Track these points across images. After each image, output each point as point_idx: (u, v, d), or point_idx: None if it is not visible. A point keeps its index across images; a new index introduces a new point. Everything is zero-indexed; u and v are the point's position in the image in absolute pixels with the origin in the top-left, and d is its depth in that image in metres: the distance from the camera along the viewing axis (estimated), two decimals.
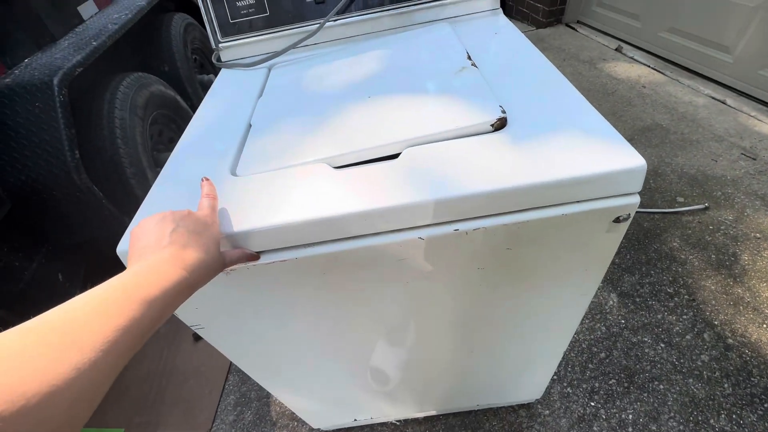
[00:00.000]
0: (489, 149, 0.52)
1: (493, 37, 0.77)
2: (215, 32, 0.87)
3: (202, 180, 0.52)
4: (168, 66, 2.02)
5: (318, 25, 0.84)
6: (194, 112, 2.04)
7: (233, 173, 0.58)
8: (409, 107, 0.60)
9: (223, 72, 0.89)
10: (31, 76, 1.18)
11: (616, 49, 2.76)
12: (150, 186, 1.51)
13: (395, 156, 0.55)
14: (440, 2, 0.85)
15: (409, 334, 0.72)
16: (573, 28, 3.13)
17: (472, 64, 0.67)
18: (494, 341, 0.78)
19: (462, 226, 0.50)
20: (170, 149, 1.83)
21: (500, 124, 0.54)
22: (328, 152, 0.56)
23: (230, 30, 0.87)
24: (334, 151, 0.56)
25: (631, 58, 2.65)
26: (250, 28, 0.86)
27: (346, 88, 0.69)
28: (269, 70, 0.86)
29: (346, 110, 0.63)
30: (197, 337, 1.55)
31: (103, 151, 1.36)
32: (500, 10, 0.87)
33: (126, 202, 1.42)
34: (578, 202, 0.49)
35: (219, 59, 0.91)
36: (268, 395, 1.35)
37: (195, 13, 2.40)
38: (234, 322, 0.64)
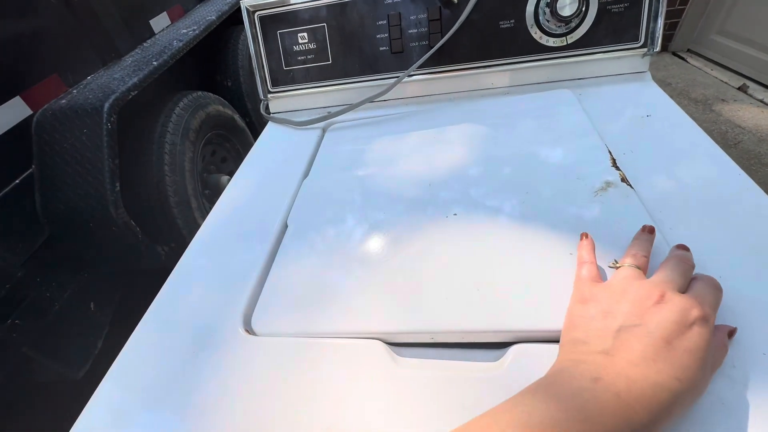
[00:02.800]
0: None
1: (645, 123, 0.53)
2: (265, 81, 0.71)
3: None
4: (231, 81, 1.96)
5: (394, 80, 0.64)
6: (251, 129, 1.98)
7: (247, 326, 0.39)
8: (518, 253, 0.38)
9: (270, 126, 0.73)
10: (84, 99, 1.12)
11: (739, 88, 2.29)
12: (192, 215, 1.44)
13: (494, 345, 0.34)
14: (563, 58, 0.62)
15: None
16: (682, 58, 2.68)
17: (622, 179, 0.43)
18: None
19: None
20: (221, 170, 1.75)
21: None
22: (387, 324, 0.35)
23: (283, 78, 0.70)
24: (397, 324, 0.35)
25: (761, 101, 2.17)
26: (307, 77, 0.69)
27: (424, 189, 0.49)
28: (324, 131, 0.68)
29: (421, 236, 0.42)
30: None
31: (148, 178, 1.28)
32: (648, 74, 0.61)
33: (165, 231, 1.33)
34: None
35: (267, 110, 0.75)
36: None
37: None
38: None
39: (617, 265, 0.31)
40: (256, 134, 1.99)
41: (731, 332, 0.28)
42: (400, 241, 0.43)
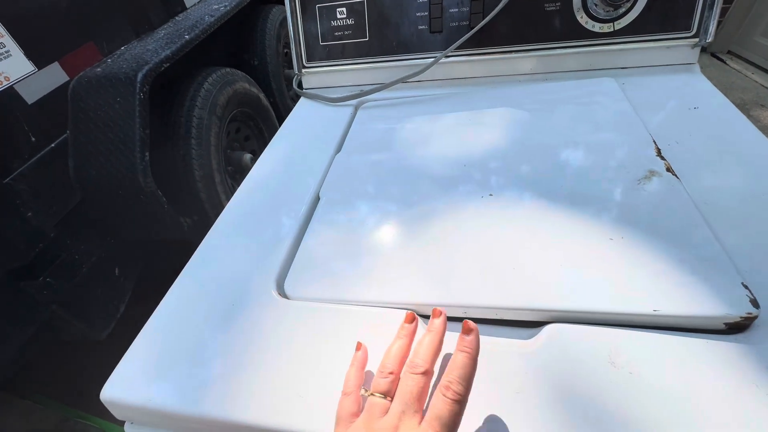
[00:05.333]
0: (724, 376, 0.28)
1: (693, 114, 0.51)
2: (300, 55, 0.71)
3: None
4: (258, 60, 1.97)
5: (432, 60, 0.63)
6: (275, 109, 1.99)
7: (280, 290, 0.40)
8: (556, 236, 0.38)
9: (302, 102, 0.73)
10: (119, 68, 1.14)
11: None
12: (215, 189, 1.46)
13: (528, 324, 0.34)
14: (608, 45, 0.60)
15: None
16: (721, 60, 2.56)
17: (667, 169, 0.42)
18: None
19: None
20: (244, 148, 1.77)
21: (743, 324, 0.30)
22: (419, 295, 0.36)
23: (319, 53, 0.70)
24: (429, 296, 0.35)
25: None
26: (343, 54, 0.69)
27: (458, 168, 0.48)
28: (356, 109, 0.67)
29: (455, 214, 0.42)
30: None
31: (175, 150, 1.30)
32: (697, 66, 0.59)
33: (189, 203, 1.36)
34: None
35: (300, 85, 0.75)
36: None
37: None
38: None
39: (367, 393, 0.28)
40: (279, 114, 2.01)
41: None
42: (433, 217, 0.43)
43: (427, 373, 0.27)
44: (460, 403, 0.26)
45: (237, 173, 1.66)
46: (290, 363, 0.34)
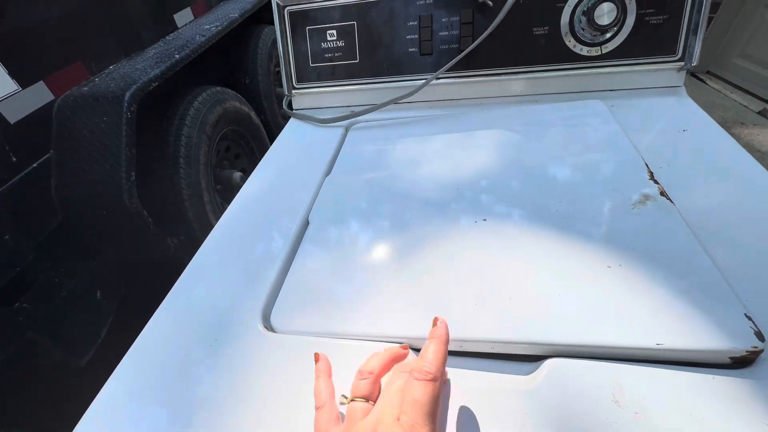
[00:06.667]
0: (732, 415, 0.26)
1: (682, 137, 0.51)
2: (290, 76, 0.70)
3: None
4: (249, 79, 1.97)
5: (422, 82, 0.63)
6: (266, 127, 1.98)
7: (266, 322, 0.38)
8: (553, 263, 0.36)
9: (292, 123, 0.72)
10: (106, 87, 1.12)
11: (759, 113, 2.26)
12: (204, 208, 1.44)
13: (527, 358, 0.32)
14: (596, 68, 0.60)
15: None
16: (701, 80, 2.65)
17: (661, 192, 0.41)
18: None
19: None
20: (234, 166, 1.75)
21: (749, 358, 0.28)
22: (412, 328, 0.34)
23: (309, 74, 0.70)
24: (423, 329, 0.34)
25: None
26: (333, 75, 0.68)
27: (451, 192, 0.48)
28: (347, 130, 0.67)
29: (448, 240, 0.41)
30: None
31: (163, 169, 1.28)
32: (683, 89, 0.60)
33: (176, 223, 1.33)
34: None
35: (290, 106, 0.75)
36: None
37: None
38: None
39: (347, 400, 0.27)
40: (270, 132, 2.00)
41: None
42: (426, 243, 0.41)
43: (436, 380, 0.24)
44: (434, 381, 0.24)
45: (226, 192, 1.64)
46: (278, 404, 0.32)
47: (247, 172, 1.77)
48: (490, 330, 0.32)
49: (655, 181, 0.43)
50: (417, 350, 0.34)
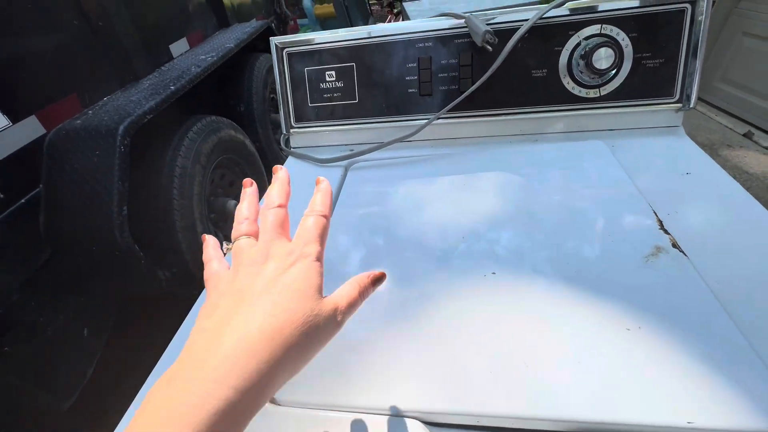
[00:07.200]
0: None
1: (685, 181, 0.51)
2: (289, 115, 0.70)
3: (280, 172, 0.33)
4: (244, 106, 1.98)
5: (421, 122, 0.63)
6: (261, 153, 1.97)
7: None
8: (569, 325, 0.35)
9: (290, 162, 0.71)
10: (99, 121, 1.11)
11: (744, 135, 2.32)
12: (197, 240, 1.40)
13: None
14: (595, 109, 0.61)
15: None
16: None
17: (673, 244, 0.40)
18: None
19: None
20: (228, 193, 1.73)
21: None
22: (425, 401, 0.32)
23: (307, 114, 0.69)
24: (437, 402, 0.32)
25: (766, 148, 2.19)
26: (332, 115, 0.68)
27: (456, 240, 0.46)
28: (346, 170, 0.66)
29: (457, 297, 0.39)
30: None
31: (156, 201, 1.26)
32: (682, 129, 0.60)
33: (168, 256, 1.30)
34: None
35: (288, 144, 0.74)
36: None
37: None
38: None
39: (229, 247, 0.29)
40: (265, 159, 2.00)
41: (376, 278, 0.29)
42: (433, 301, 0.40)
43: (282, 206, 0.28)
44: (325, 217, 0.28)
45: (220, 220, 1.61)
46: None
47: None
48: (508, 404, 0.30)
49: (666, 231, 0.42)
50: (425, 423, 0.32)
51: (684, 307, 0.34)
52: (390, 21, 3.29)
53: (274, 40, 0.66)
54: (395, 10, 3.25)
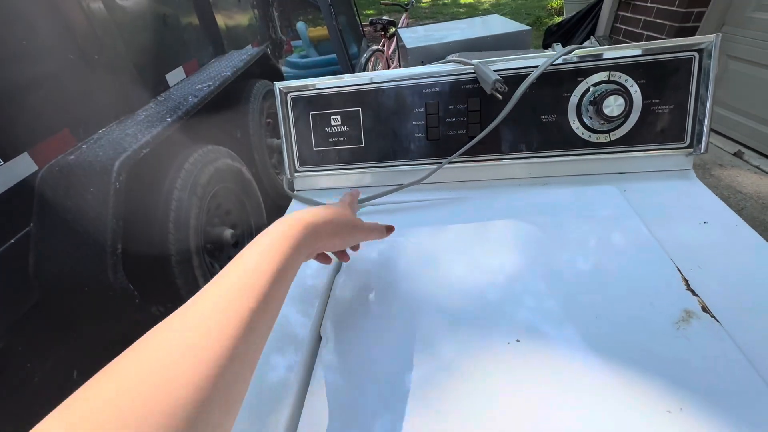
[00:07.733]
0: None
1: (704, 231, 0.50)
2: (293, 159, 0.68)
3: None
4: (240, 133, 1.97)
5: (430, 167, 0.62)
6: (257, 180, 1.95)
7: None
8: (604, 405, 0.33)
9: (294, 205, 0.69)
10: (94, 156, 1.09)
11: (734, 154, 2.36)
12: (193, 273, 1.37)
13: None
14: (605, 154, 0.60)
15: None
16: None
17: (703, 308, 0.39)
18: None
19: None
20: (224, 222, 1.70)
21: None
22: None
23: (312, 158, 0.67)
24: None
25: (757, 167, 2.23)
26: (338, 159, 0.67)
27: (473, 300, 0.44)
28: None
29: (479, 368, 0.37)
30: None
31: (151, 234, 1.22)
32: (692, 172, 0.60)
33: (162, 290, 1.26)
34: None
35: (291, 187, 0.72)
36: None
37: (278, 78, 2.40)
38: None
39: None
40: (261, 185, 1.98)
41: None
42: (455, 372, 0.37)
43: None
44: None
45: (216, 250, 1.58)
46: None
47: (237, 228, 1.72)
48: None
49: (693, 293, 0.41)
50: None
51: (724, 385, 0.33)
52: (383, 44, 3.33)
53: (278, 85, 0.65)
54: (388, 34, 3.30)
